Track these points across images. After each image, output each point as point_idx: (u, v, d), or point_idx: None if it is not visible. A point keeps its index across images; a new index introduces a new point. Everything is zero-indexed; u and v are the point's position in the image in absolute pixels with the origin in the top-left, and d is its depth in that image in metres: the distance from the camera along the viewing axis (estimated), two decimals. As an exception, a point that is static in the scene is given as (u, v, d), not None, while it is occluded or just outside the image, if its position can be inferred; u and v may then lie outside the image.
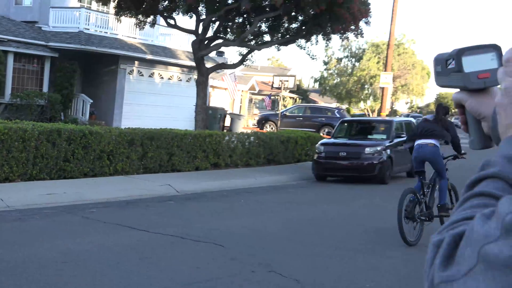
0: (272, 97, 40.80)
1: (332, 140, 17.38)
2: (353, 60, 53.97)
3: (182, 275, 6.45)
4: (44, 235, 8.33)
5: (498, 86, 1.22)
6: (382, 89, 30.33)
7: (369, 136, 17.35)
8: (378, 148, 16.12)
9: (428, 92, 60.24)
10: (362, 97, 54.14)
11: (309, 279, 6.55)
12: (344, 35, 22.12)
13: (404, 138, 17.80)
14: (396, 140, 16.87)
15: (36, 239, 8.03)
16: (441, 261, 0.85)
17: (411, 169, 17.88)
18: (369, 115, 49.43)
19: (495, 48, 1.23)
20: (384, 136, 16.96)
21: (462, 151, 10.48)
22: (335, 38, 22.98)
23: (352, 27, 20.94)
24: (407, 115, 50.50)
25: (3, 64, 22.22)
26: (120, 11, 21.52)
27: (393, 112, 51.99)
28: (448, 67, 1.27)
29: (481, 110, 1.22)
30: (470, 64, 1.22)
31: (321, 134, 27.35)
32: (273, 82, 40.33)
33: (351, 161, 16.06)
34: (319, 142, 17.54)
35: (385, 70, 29.89)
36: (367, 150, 16.07)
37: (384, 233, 9.70)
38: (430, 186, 10.14)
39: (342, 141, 17.03)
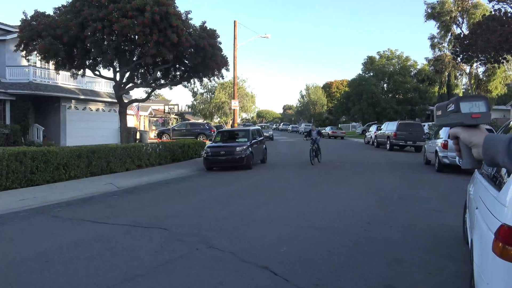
0: (163, 118, 38.87)
1: (214, 143, 16.14)
2: (210, 93, 52.87)
3: (144, 261, 4.95)
4: (24, 236, 6.33)
5: (485, 124, 1.18)
6: (234, 110, 29.53)
7: (237, 140, 16.33)
8: (244, 147, 15.11)
9: (254, 110, 60.69)
10: (218, 115, 53.13)
11: (239, 249, 5.36)
12: (212, 77, 21.17)
13: (259, 139, 17.10)
14: (253, 141, 16.05)
15: (18, 241, 6.05)
16: None
17: (263, 159, 17.28)
18: (224, 126, 48.55)
19: (484, 98, 1.19)
20: (246, 139, 15.97)
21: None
22: (205, 79, 21.88)
23: (216, 72, 20.02)
24: (243, 125, 50.46)
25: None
26: (59, 67, 18.87)
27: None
28: (448, 110, 1.22)
29: (472, 140, 1.15)
30: (466, 107, 1.18)
31: (199, 139, 26.11)
32: (164, 109, 38.35)
33: (228, 157, 14.94)
34: (206, 145, 16.29)
35: (234, 98, 29.13)
36: (238, 149, 15.01)
37: (268, 193, 8.75)
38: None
39: (220, 144, 15.83)
